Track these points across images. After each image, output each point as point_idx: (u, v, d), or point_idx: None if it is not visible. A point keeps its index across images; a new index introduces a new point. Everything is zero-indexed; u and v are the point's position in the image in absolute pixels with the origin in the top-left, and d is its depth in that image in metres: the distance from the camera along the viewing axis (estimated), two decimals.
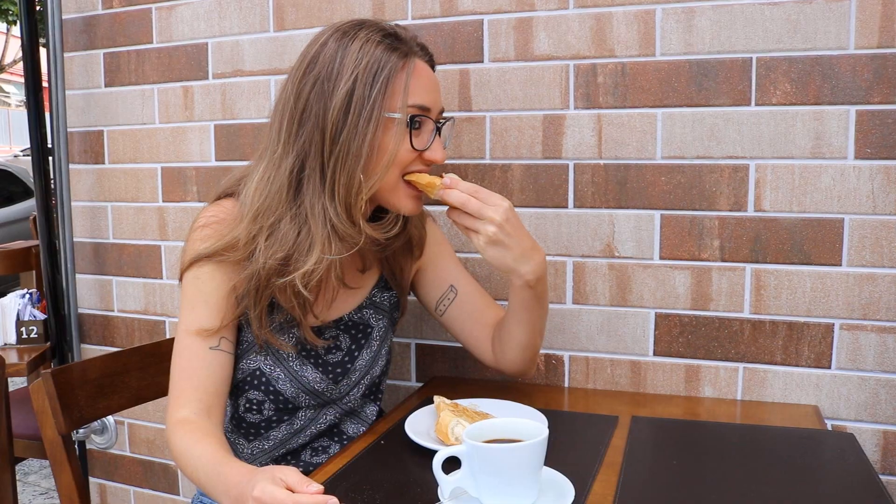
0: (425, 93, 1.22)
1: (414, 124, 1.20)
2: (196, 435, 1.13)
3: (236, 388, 1.34)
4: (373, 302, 1.40)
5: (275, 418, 1.33)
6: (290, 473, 0.91)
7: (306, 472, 1.34)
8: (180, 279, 1.26)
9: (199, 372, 1.21)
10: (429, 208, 1.69)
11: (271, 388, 1.31)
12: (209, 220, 1.25)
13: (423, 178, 1.23)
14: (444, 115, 1.30)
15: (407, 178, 1.23)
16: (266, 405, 1.32)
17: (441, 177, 1.23)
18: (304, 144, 1.19)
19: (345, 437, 1.40)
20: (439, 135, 1.26)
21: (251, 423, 1.35)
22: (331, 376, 1.34)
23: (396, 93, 1.18)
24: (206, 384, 1.21)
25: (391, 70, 1.17)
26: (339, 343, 1.36)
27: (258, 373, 1.31)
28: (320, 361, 1.33)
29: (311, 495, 0.88)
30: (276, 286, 1.20)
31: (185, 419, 1.17)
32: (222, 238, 1.21)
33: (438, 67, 1.65)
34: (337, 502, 0.87)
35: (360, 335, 1.38)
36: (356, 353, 1.37)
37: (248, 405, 1.33)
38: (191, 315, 1.23)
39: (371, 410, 1.44)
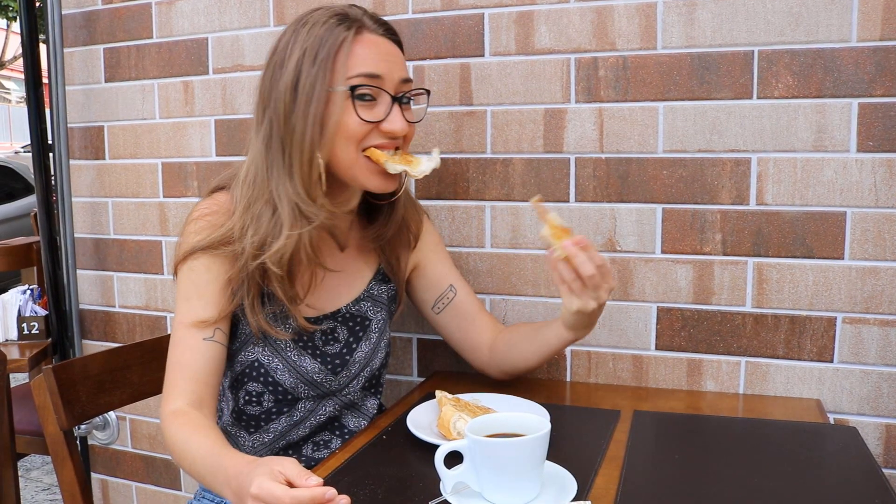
0: (374, 62, 1.21)
1: (363, 96, 1.20)
2: (191, 427, 1.14)
3: (236, 381, 1.34)
4: (370, 294, 1.40)
5: (274, 410, 1.34)
6: (290, 466, 0.91)
7: (308, 468, 1.35)
8: (175, 273, 1.27)
9: (192, 363, 1.21)
10: (424, 203, 1.70)
11: (270, 379, 1.31)
12: (203, 212, 1.26)
13: (379, 155, 1.22)
14: (417, 87, 1.30)
15: (366, 153, 1.23)
16: (265, 397, 1.32)
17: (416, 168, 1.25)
18: (267, 130, 1.22)
19: (346, 430, 1.40)
20: (400, 105, 1.24)
21: (251, 416, 1.35)
22: (329, 367, 1.34)
23: (339, 66, 1.18)
24: (198, 375, 1.21)
25: (332, 45, 1.18)
26: (336, 335, 1.36)
27: (256, 364, 1.31)
28: (318, 352, 1.33)
29: (310, 489, 0.87)
30: (258, 271, 1.22)
31: (179, 410, 1.17)
32: (216, 230, 1.23)
33: (439, 61, 1.65)
34: (335, 494, 0.87)
35: (357, 328, 1.38)
36: (354, 346, 1.37)
37: (247, 397, 1.33)
38: (185, 306, 1.24)
39: (371, 404, 1.44)
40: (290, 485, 0.89)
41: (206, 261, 1.23)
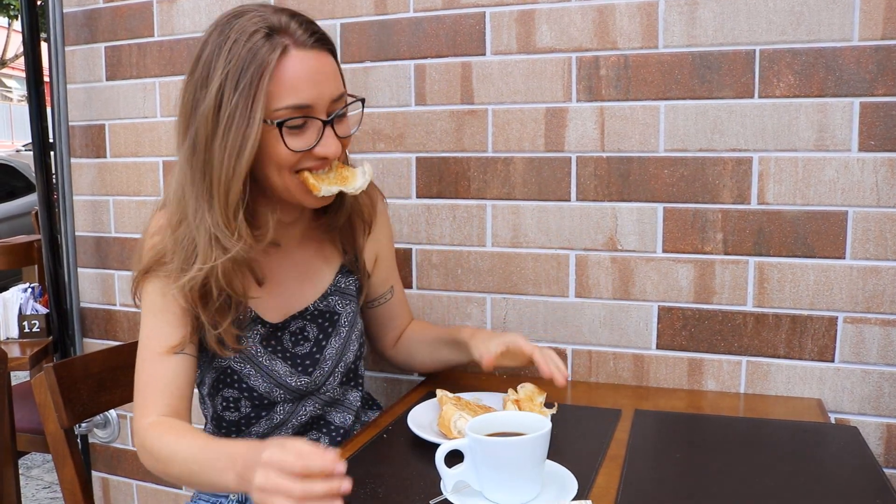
0: (302, 89, 1.13)
1: (292, 126, 1.14)
2: (176, 430, 1.13)
3: (213, 388, 1.33)
4: (338, 288, 1.39)
5: (253, 414, 1.32)
6: (300, 444, 0.91)
7: None
8: (135, 292, 1.25)
9: (163, 379, 1.19)
10: (425, 202, 1.69)
11: (244, 385, 1.30)
12: (154, 230, 1.24)
13: (312, 184, 1.18)
14: (350, 100, 1.22)
15: (300, 177, 1.19)
16: (242, 402, 1.31)
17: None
18: (189, 150, 1.16)
19: (332, 427, 1.39)
20: (332, 125, 1.18)
21: (231, 421, 1.34)
22: (300, 368, 1.32)
23: (264, 96, 1.11)
24: (171, 388, 1.19)
25: (255, 71, 1.10)
26: (306, 334, 1.35)
27: (229, 370, 1.30)
28: (288, 354, 1.32)
29: (321, 458, 0.88)
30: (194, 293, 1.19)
31: (156, 421, 1.16)
32: (154, 250, 1.21)
33: (440, 60, 1.65)
34: (344, 468, 0.88)
35: (326, 323, 1.37)
36: (324, 343, 1.36)
37: (224, 403, 1.32)
38: (152, 323, 1.22)
39: (354, 397, 1.42)
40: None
41: (159, 283, 1.21)
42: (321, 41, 1.18)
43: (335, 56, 1.22)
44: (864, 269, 1.44)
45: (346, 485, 0.88)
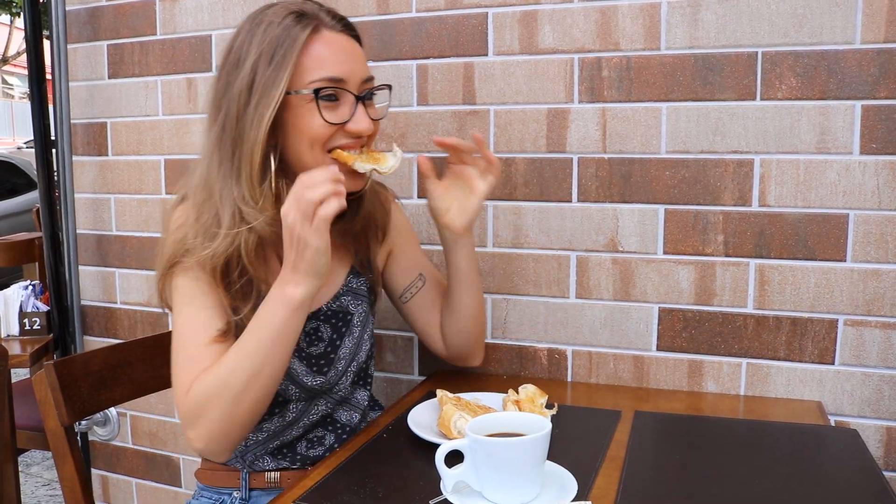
0: (335, 63, 1.18)
1: (328, 97, 1.17)
2: (214, 364, 1.14)
3: None
4: (350, 288, 1.39)
5: (266, 411, 1.32)
6: None
7: (304, 466, 1.35)
8: (161, 291, 1.24)
9: (205, 364, 1.17)
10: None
11: None
12: (180, 223, 1.23)
13: (346, 157, 1.20)
14: (379, 83, 1.26)
15: (332, 154, 1.20)
16: None
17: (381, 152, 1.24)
18: (219, 131, 1.18)
19: (338, 425, 1.39)
20: (363, 104, 1.21)
21: None
22: (315, 368, 1.33)
23: (298, 69, 1.15)
24: None
25: (289, 46, 1.14)
26: (320, 334, 1.35)
27: None
28: (304, 354, 1.32)
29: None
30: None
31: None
32: (179, 242, 1.21)
33: (442, 60, 1.65)
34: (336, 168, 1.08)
35: (340, 323, 1.37)
36: (338, 342, 1.36)
37: None
38: (188, 312, 1.20)
39: (362, 396, 1.43)
40: None
41: (190, 272, 1.20)
42: (349, 27, 1.24)
43: (361, 46, 1.26)
44: (864, 271, 1.44)
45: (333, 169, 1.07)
